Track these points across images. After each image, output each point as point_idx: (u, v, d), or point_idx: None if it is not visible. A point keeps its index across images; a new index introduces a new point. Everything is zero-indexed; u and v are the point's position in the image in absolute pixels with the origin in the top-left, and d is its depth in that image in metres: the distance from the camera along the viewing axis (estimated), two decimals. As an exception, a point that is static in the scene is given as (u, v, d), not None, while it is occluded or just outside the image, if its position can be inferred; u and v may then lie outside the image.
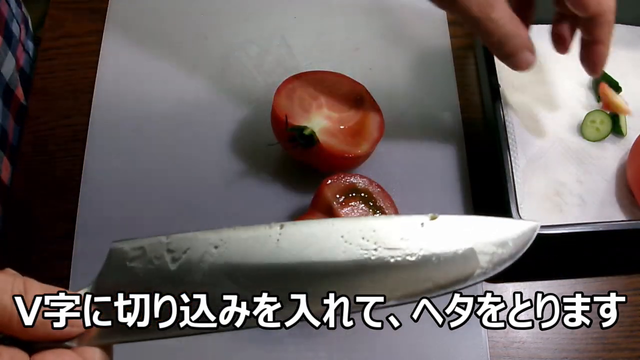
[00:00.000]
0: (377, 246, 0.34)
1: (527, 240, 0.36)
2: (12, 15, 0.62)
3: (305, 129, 0.52)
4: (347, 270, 0.34)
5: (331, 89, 0.55)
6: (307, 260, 0.34)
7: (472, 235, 0.35)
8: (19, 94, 0.62)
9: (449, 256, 0.34)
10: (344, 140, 0.53)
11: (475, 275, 0.34)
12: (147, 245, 0.35)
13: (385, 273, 0.34)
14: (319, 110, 0.54)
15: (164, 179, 0.58)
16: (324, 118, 0.54)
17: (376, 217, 0.47)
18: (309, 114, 0.54)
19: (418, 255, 0.34)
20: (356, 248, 0.34)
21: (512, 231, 0.36)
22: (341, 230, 0.35)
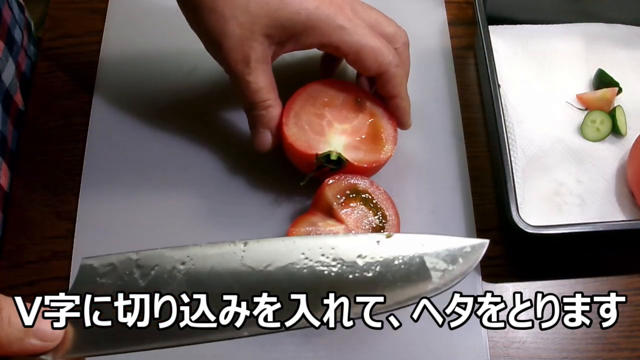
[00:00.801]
0: (335, 262, 0.37)
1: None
2: (14, 22, 0.62)
3: (331, 154, 0.50)
4: (308, 285, 0.37)
5: (330, 101, 0.53)
6: (269, 276, 0.37)
7: (424, 252, 0.37)
8: (18, 100, 0.62)
9: (403, 273, 0.37)
10: (368, 149, 0.52)
11: (429, 290, 0.37)
12: (117, 262, 0.37)
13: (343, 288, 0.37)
14: (331, 129, 0.52)
15: (163, 179, 0.58)
16: (340, 134, 0.52)
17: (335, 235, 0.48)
18: (324, 136, 0.52)
19: (375, 272, 0.37)
20: (316, 264, 0.37)
21: (462, 248, 0.37)
22: (302, 248, 0.37)
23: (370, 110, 0.53)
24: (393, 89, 0.51)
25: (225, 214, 0.56)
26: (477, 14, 0.58)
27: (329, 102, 0.53)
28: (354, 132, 0.53)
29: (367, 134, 0.53)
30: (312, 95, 0.53)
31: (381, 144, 0.52)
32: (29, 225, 0.57)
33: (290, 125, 0.51)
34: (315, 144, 0.51)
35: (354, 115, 0.53)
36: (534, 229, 0.49)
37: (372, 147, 0.52)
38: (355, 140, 0.52)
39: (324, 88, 0.53)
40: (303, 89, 0.53)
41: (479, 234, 0.55)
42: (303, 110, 0.52)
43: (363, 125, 0.53)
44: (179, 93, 0.62)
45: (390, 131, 0.53)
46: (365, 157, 0.51)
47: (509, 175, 0.51)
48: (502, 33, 0.63)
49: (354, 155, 0.51)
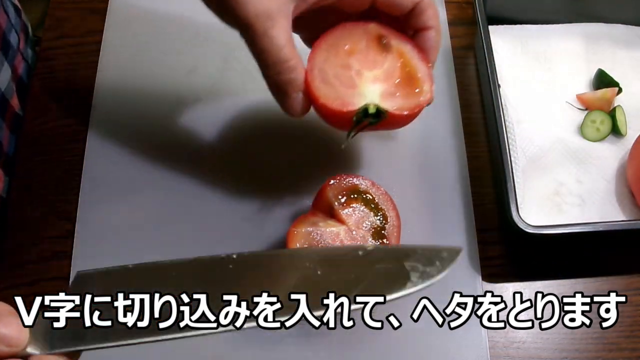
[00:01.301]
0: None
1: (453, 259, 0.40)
2: (10, 26, 0.62)
3: (368, 107, 0.44)
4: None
5: (352, 47, 0.47)
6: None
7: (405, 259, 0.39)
8: (14, 104, 0.62)
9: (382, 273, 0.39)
10: (405, 94, 0.46)
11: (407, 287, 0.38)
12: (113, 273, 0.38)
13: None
14: (362, 78, 0.46)
15: (163, 178, 0.58)
16: (373, 82, 0.46)
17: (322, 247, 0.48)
18: (356, 88, 0.46)
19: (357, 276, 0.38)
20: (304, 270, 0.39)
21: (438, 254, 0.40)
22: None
23: (398, 49, 0.47)
24: (429, 19, 0.46)
25: (226, 214, 0.56)
26: (477, 14, 0.58)
27: (352, 48, 0.47)
28: (386, 77, 0.46)
29: (400, 77, 0.46)
30: (332, 45, 0.47)
31: (418, 84, 0.46)
32: (29, 225, 0.57)
33: (317, 84, 0.45)
34: (349, 98, 0.45)
35: (383, 58, 0.47)
36: (534, 229, 0.49)
37: (409, 90, 0.46)
38: (391, 86, 0.46)
39: (342, 34, 0.47)
40: (320, 40, 0.47)
41: (479, 234, 0.56)
42: (327, 64, 0.46)
43: (395, 68, 0.47)
44: (179, 93, 0.62)
45: (425, 69, 0.46)
46: (404, 104, 0.45)
47: (509, 175, 0.51)
48: (502, 33, 0.63)
49: (393, 103, 0.45)
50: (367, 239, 0.50)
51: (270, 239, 0.55)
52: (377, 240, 0.50)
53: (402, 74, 0.46)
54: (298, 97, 0.44)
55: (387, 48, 0.47)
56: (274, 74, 0.44)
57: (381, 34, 0.47)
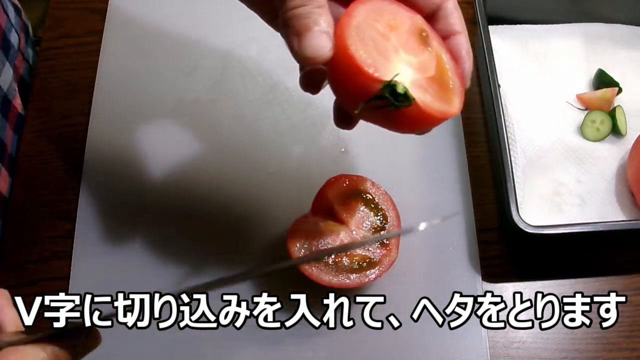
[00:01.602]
0: None
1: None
2: (10, 26, 0.62)
3: (398, 85, 0.38)
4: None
5: (396, 24, 0.41)
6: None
7: None
8: (17, 104, 0.62)
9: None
10: (436, 94, 0.40)
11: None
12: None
13: None
14: (397, 55, 0.40)
15: (163, 178, 0.58)
16: (407, 65, 0.40)
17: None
18: (390, 61, 0.39)
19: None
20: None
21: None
22: None
23: (437, 50, 0.42)
24: (455, 24, 0.42)
25: (226, 214, 0.56)
26: (477, 14, 0.58)
27: (395, 25, 0.41)
28: (421, 68, 0.40)
29: (434, 76, 0.41)
30: (376, 10, 0.41)
31: (449, 94, 0.41)
32: (29, 225, 0.57)
33: (351, 35, 0.38)
34: (381, 66, 0.38)
35: (421, 50, 0.41)
36: (534, 229, 0.49)
37: (440, 94, 0.41)
38: (423, 79, 0.40)
39: (389, 7, 0.41)
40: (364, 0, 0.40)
41: (479, 234, 0.56)
42: (366, 23, 0.39)
43: (431, 63, 0.41)
44: (179, 93, 0.62)
45: (458, 83, 0.42)
46: (433, 103, 0.39)
47: (509, 175, 0.51)
48: (502, 33, 0.63)
49: (422, 95, 0.39)
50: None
51: (270, 239, 0.55)
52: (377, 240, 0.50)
53: (437, 74, 0.41)
54: (320, 36, 0.37)
55: (426, 43, 0.41)
56: (298, 4, 0.37)
57: (424, 29, 0.42)
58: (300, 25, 0.37)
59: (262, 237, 0.55)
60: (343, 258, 0.49)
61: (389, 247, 0.49)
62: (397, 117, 0.40)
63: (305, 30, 0.37)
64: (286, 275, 0.52)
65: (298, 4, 0.37)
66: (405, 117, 0.39)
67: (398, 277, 0.53)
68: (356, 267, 0.48)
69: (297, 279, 0.48)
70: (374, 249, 0.49)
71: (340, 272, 0.48)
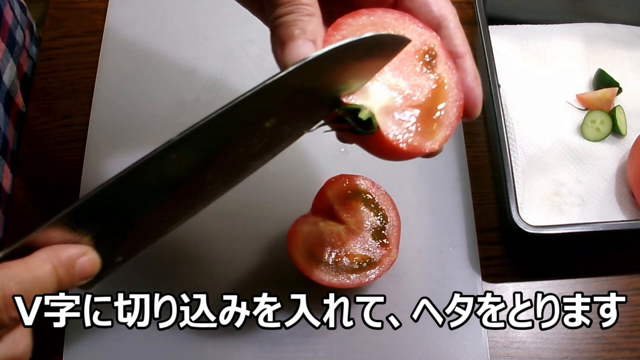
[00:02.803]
0: None
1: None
2: (16, 23, 0.62)
3: (363, 110, 0.35)
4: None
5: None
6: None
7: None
8: (19, 101, 0.62)
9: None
10: (414, 126, 0.36)
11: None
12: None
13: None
14: (380, 75, 0.37)
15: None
16: (388, 88, 0.36)
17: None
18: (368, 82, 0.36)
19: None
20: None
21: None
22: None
23: (440, 75, 0.37)
24: (459, 45, 0.38)
25: (226, 214, 0.56)
26: (477, 14, 0.58)
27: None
28: (407, 94, 0.37)
29: (422, 104, 0.37)
30: (376, 24, 0.37)
31: (433, 126, 0.37)
32: (29, 225, 0.57)
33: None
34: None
35: (415, 73, 0.37)
36: (534, 229, 0.49)
37: (421, 125, 0.36)
38: (403, 107, 0.36)
39: (394, 21, 0.37)
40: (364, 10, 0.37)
41: (479, 234, 0.56)
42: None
43: (423, 91, 0.37)
44: (179, 93, 0.62)
45: (451, 114, 0.37)
46: (404, 135, 0.36)
47: (509, 175, 0.51)
48: (502, 33, 0.63)
49: (391, 125, 0.36)
50: (367, 239, 0.50)
51: (270, 239, 0.55)
52: (377, 241, 0.50)
53: (426, 103, 0.37)
54: (304, 45, 0.35)
55: (428, 66, 0.38)
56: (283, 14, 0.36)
57: (433, 49, 0.38)
58: (285, 34, 0.36)
59: (262, 237, 0.55)
60: (343, 258, 0.49)
61: (389, 247, 0.50)
62: (363, 142, 0.37)
63: (289, 38, 0.35)
64: (286, 275, 0.53)
65: (286, 12, 0.36)
66: (371, 144, 0.37)
67: (398, 277, 0.53)
68: (356, 267, 0.48)
69: (297, 279, 0.49)
70: (374, 249, 0.49)
71: (340, 272, 0.48)
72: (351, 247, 0.49)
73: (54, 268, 0.32)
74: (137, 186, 0.33)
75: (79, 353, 0.51)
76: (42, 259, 0.33)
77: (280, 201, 0.56)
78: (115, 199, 0.33)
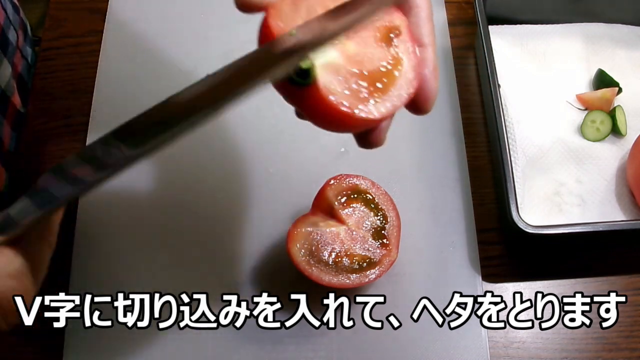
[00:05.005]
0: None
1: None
2: (8, 23, 0.62)
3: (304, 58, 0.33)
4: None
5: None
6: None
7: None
8: (16, 101, 0.62)
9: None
10: (354, 90, 0.35)
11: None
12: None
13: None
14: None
15: (163, 178, 0.58)
16: (336, 47, 0.35)
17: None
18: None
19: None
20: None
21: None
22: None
23: (397, 56, 0.36)
24: (426, 35, 0.37)
25: (226, 214, 0.56)
26: (477, 14, 0.58)
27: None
28: (355, 58, 0.35)
29: (370, 73, 0.35)
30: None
31: (376, 94, 0.35)
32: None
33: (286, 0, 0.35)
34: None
35: (373, 44, 0.36)
36: (534, 229, 0.49)
37: (363, 92, 0.35)
38: (348, 68, 0.35)
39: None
40: None
41: (479, 234, 0.56)
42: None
43: (373, 61, 0.36)
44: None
45: (400, 90, 0.35)
46: (342, 95, 0.34)
47: (509, 175, 0.51)
48: (502, 33, 0.63)
49: (332, 81, 0.34)
50: (367, 239, 0.50)
51: (270, 239, 0.55)
52: (377, 241, 0.50)
53: (373, 74, 0.35)
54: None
55: (389, 43, 0.37)
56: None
57: (397, 29, 0.37)
58: None
59: (262, 237, 0.55)
60: (343, 258, 0.49)
61: (389, 247, 0.50)
62: (302, 99, 0.36)
63: None
64: (286, 275, 0.53)
65: None
66: (307, 100, 0.35)
67: (398, 277, 0.53)
68: (356, 267, 0.48)
69: (297, 279, 0.49)
70: (374, 249, 0.49)
71: (340, 272, 0.48)
72: (351, 247, 0.49)
73: None
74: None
75: (79, 353, 0.51)
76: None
77: (280, 201, 0.57)
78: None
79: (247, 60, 0.34)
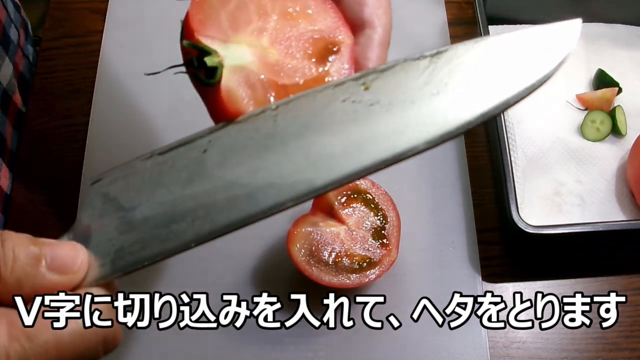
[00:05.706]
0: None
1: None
2: (10, 21, 0.62)
3: (212, 55, 0.32)
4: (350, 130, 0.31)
5: (301, 16, 0.33)
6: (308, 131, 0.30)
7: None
8: (17, 100, 0.62)
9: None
10: (260, 101, 0.32)
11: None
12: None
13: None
14: (255, 36, 0.32)
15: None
16: (255, 52, 0.32)
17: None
18: (237, 34, 0.32)
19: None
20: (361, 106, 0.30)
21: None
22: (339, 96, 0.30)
23: (329, 72, 0.33)
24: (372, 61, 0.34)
25: (225, 214, 0.56)
26: (477, 14, 0.58)
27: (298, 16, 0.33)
28: (276, 67, 0.32)
29: (292, 85, 0.32)
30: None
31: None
32: (29, 225, 0.57)
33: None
34: (215, 32, 0.32)
35: (304, 56, 0.33)
36: (534, 229, 0.49)
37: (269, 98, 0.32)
38: (265, 76, 0.32)
39: (318, 6, 0.34)
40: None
41: (478, 234, 0.56)
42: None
43: (300, 74, 0.32)
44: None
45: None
46: (244, 103, 0.32)
47: (509, 175, 0.51)
48: (502, 33, 0.63)
49: (238, 86, 0.32)
50: (367, 239, 0.50)
51: (270, 239, 0.55)
52: (377, 241, 0.50)
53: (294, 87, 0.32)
54: None
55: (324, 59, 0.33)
56: None
57: (338, 45, 0.33)
58: None
59: (262, 237, 0.55)
60: (343, 258, 0.49)
61: (389, 247, 0.50)
62: (205, 98, 0.34)
63: None
64: (286, 275, 0.53)
65: None
66: (210, 102, 0.33)
67: (398, 277, 0.53)
68: (356, 267, 0.48)
69: (297, 279, 0.49)
70: (374, 249, 0.49)
71: (340, 272, 0.48)
72: (351, 247, 0.49)
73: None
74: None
75: (79, 353, 0.51)
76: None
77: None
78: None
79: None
